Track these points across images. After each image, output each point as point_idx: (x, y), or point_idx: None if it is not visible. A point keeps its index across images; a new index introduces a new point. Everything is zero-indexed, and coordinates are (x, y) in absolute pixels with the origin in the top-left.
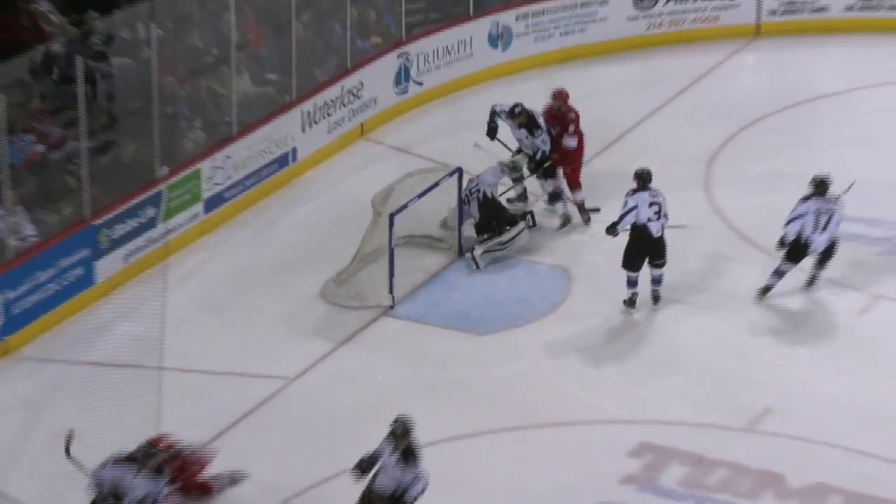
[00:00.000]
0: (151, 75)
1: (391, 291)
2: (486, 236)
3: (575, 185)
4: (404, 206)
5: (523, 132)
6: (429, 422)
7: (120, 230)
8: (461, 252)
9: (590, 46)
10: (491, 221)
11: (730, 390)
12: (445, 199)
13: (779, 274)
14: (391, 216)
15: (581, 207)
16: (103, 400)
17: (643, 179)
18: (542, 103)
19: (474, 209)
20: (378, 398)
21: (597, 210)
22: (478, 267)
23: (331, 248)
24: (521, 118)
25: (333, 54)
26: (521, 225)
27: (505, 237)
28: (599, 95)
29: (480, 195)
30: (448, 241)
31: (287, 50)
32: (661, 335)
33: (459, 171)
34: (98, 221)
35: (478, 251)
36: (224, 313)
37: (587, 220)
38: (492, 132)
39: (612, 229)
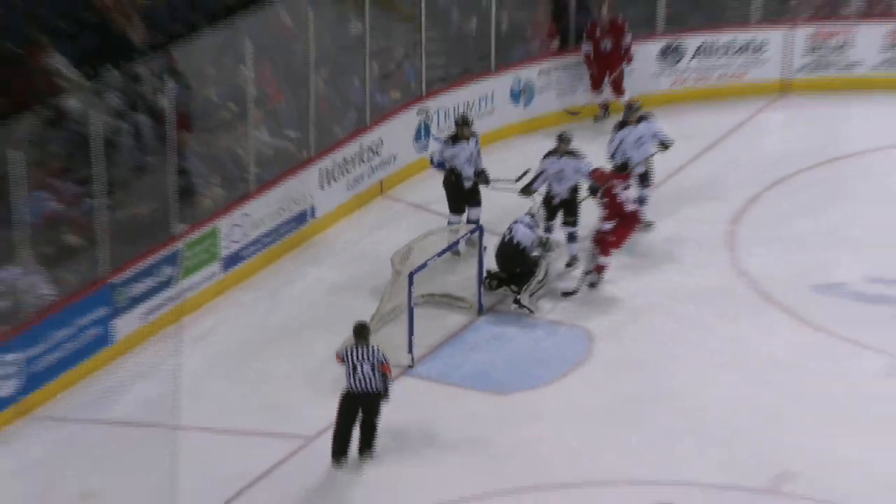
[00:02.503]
0: (167, 130)
1: (410, 351)
2: (514, 287)
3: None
4: (424, 265)
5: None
6: (449, 480)
7: (137, 289)
8: (481, 311)
9: (614, 102)
10: (515, 269)
11: (754, 452)
12: (464, 259)
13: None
14: (411, 275)
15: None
16: (119, 460)
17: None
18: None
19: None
20: (397, 457)
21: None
22: (531, 311)
23: (349, 307)
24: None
25: (353, 110)
26: (546, 259)
27: (539, 274)
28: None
29: (508, 236)
30: (468, 300)
31: (305, 105)
32: (686, 398)
33: (480, 228)
34: (115, 280)
35: (524, 298)
36: (240, 373)
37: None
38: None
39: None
